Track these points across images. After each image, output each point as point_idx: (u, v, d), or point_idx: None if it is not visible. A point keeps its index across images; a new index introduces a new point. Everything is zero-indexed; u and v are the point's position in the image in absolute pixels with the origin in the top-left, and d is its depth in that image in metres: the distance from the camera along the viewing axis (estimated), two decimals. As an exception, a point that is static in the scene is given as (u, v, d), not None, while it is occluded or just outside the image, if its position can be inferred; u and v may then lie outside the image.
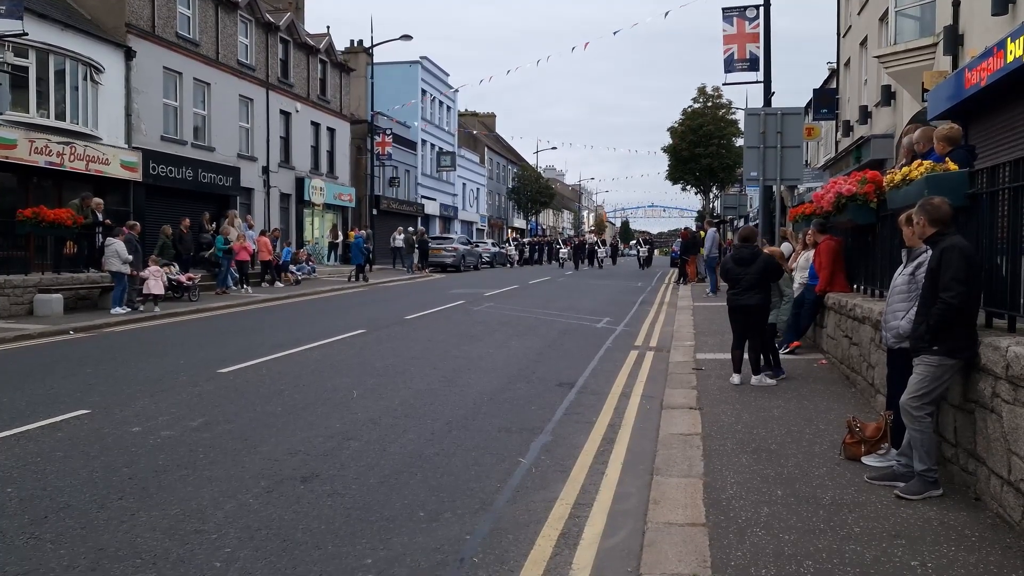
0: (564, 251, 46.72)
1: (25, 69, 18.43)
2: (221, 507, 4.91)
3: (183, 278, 17.99)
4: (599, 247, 47.98)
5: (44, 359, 10.51)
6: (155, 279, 16.15)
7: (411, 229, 35.80)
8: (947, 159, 6.42)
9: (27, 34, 15.58)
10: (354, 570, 4.06)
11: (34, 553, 4.22)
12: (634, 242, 67.43)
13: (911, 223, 5.22)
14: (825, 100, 27.54)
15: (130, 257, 15.24)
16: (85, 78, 20.28)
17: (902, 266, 5.58)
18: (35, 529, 4.54)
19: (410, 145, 45.10)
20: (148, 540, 4.39)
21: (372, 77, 36.16)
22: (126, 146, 22.16)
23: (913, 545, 4.14)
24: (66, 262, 16.42)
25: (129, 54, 22.26)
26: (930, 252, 4.98)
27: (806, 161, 28.72)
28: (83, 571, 4.01)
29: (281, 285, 23.19)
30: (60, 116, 19.57)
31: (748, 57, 20.41)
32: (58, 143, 19.09)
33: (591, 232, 63.00)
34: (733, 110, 41.96)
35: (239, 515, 4.78)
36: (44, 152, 18.71)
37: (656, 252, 71.64)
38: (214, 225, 20.41)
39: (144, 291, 15.99)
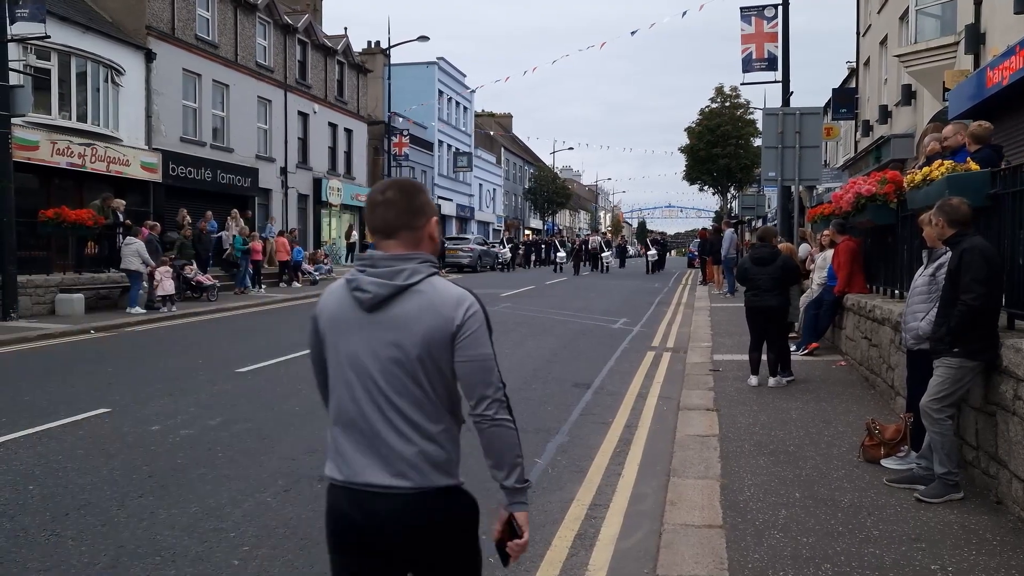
0: (561, 253, 39.39)
1: (47, 71, 18.65)
2: (239, 505, 4.94)
3: (203, 278, 18.12)
4: (603, 248, 40.84)
5: (65, 358, 10.63)
6: (166, 279, 16.16)
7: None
8: (969, 159, 6.35)
9: (49, 37, 15.74)
10: (371, 569, 4.06)
11: (56, 550, 4.27)
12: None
13: (931, 223, 5.18)
14: (844, 99, 27.31)
15: (150, 260, 15.35)
16: (106, 80, 20.48)
17: (922, 267, 5.53)
18: (57, 526, 4.60)
19: (427, 146, 45.19)
20: (167, 538, 4.43)
21: (389, 78, 36.26)
22: (146, 147, 22.35)
23: (933, 549, 4.10)
24: (87, 262, 16.60)
25: (149, 56, 22.45)
26: (950, 253, 4.94)
27: (825, 161, 28.50)
28: (104, 568, 4.06)
29: (299, 285, 23.32)
30: (81, 118, 19.77)
31: (766, 56, 20.28)
32: (79, 144, 19.29)
33: (594, 232, 55.21)
34: (751, 110, 41.85)
35: (257, 513, 4.81)
36: (66, 153, 18.91)
37: (673, 253, 69.92)
38: (188, 221, 20.15)
39: (157, 291, 16.04)
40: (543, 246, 46.77)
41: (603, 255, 39.74)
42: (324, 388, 2.31)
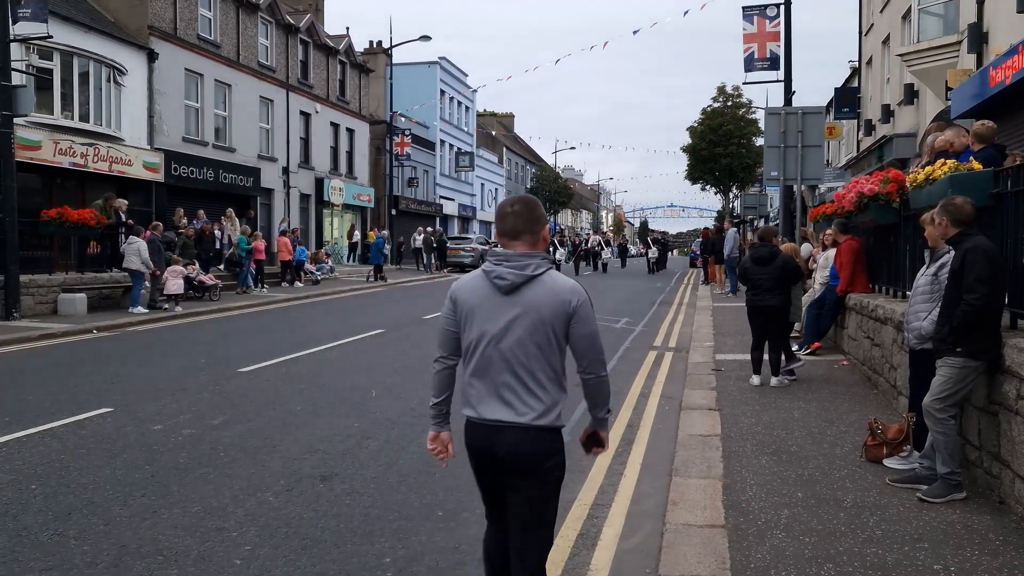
0: (560, 252, 37.84)
1: (50, 71, 18.66)
2: (241, 505, 4.95)
3: (205, 278, 18.15)
4: (603, 248, 39.61)
5: (68, 358, 10.65)
6: (175, 279, 16.29)
7: (430, 229, 35.89)
8: (972, 158, 6.34)
9: (51, 36, 15.75)
10: (373, 569, 4.07)
11: (58, 549, 4.27)
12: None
13: (934, 223, 5.17)
14: (847, 99, 27.27)
15: (149, 262, 15.34)
16: (108, 80, 20.49)
17: (924, 266, 5.52)
18: (59, 525, 4.60)
19: (429, 145, 45.19)
20: (170, 537, 4.44)
21: (391, 78, 36.28)
22: (148, 147, 22.37)
23: (936, 549, 4.09)
24: (89, 262, 16.61)
25: (151, 56, 22.47)
26: (953, 253, 4.93)
27: (827, 161, 28.49)
28: (106, 567, 4.06)
29: (300, 285, 23.33)
30: (84, 117, 19.78)
31: (768, 56, 20.26)
32: (82, 144, 19.30)
33: (594, 231, 53.14)
34: (753, 109, 41.77)
35: (259, 513, 4.81)
36: (68, 153, 18.93)
37: (675, 252, 69.55)
38: (185, 221, 20.07)
39: (166, 291, 16.14)
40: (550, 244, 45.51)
41: (602, 255, 38.98)
42: (445, 347, 3.09)
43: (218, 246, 21.15)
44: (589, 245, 39.24)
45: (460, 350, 3.04)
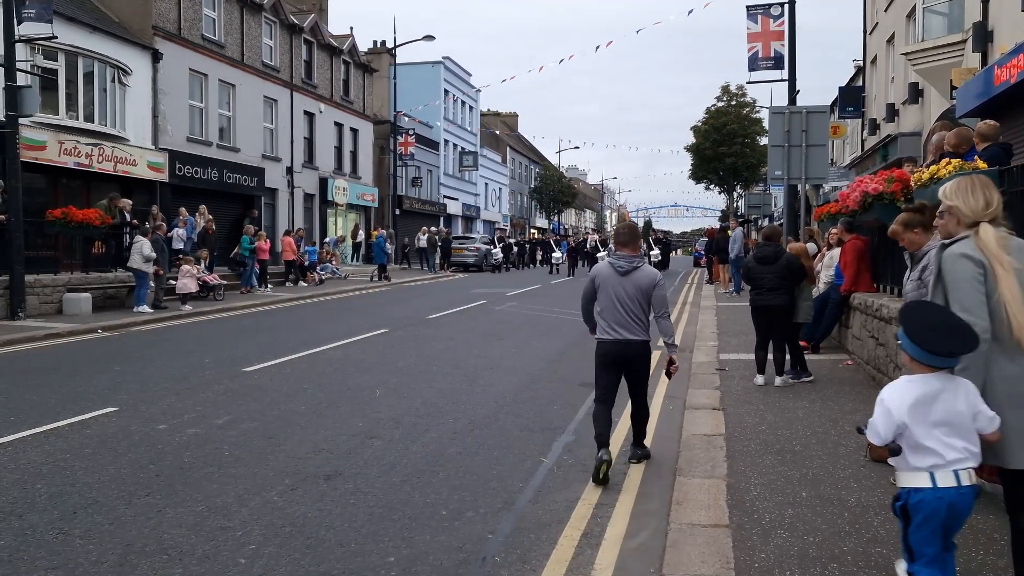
0: (557, 254, 37.42)
1: (54, 71, 18.72)
2: (246, 504, 4.96)
3: (209, 277, 18.19)
4: (600, 248, 37.52)
5: (73, 357, 10.67)
6: (189, 279, 16.34)
7: (434, 229, 35.89)
8: (977, 157, 6.33)
9: (56, 37, 15.79)
10: (377, 568, 4.08)
11: (63, 548, 4.29)
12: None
13: (909, 228, 5.19)
14: (851, 98, 27.22)
15: (153, 255, 15.37)
16: (113, 80, 20.55)
17: (908, 270, 5.52)
18: (64, 524, 4.62)
19: (432, 145, 45.22)
20: (174, 536, 4.45)
21: (395, 77, 36.30)
22: (153, 147, 22.42)
23: (941, 548, 4.08)
24: (94, 262, 16.64)
25: (156, 56, 22.53)
26: (932, 253, 4.91)
27: (832, 160, 28.43)
28: (111, 566, 4.07)
29: (305, 284, 23.36)
30: (88, 118, 19.84)
31: (772, 55, 20.19)
32: (86, 144, 19.36)
33: (594, 231, 52.38)
34: (757, 108, 41.78)
35: (264, 512, 4.82)
36: (73, 153, 18.98)
37: (678, 252, 69.36)
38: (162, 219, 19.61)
39: (178, 290, 16.18)
40: (540, 246, 44.39)
41: (599, 255, 36.37)
42: (587, 310, 5.81)
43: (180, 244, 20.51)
44: (588, 245, 38.13)
45: (595, 300, 5.63)
